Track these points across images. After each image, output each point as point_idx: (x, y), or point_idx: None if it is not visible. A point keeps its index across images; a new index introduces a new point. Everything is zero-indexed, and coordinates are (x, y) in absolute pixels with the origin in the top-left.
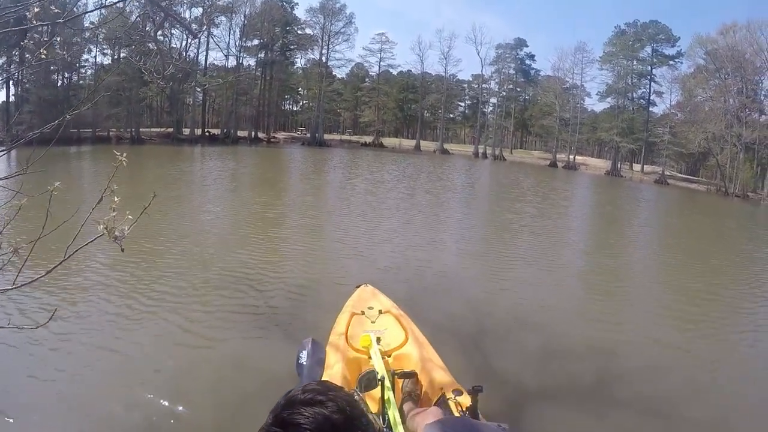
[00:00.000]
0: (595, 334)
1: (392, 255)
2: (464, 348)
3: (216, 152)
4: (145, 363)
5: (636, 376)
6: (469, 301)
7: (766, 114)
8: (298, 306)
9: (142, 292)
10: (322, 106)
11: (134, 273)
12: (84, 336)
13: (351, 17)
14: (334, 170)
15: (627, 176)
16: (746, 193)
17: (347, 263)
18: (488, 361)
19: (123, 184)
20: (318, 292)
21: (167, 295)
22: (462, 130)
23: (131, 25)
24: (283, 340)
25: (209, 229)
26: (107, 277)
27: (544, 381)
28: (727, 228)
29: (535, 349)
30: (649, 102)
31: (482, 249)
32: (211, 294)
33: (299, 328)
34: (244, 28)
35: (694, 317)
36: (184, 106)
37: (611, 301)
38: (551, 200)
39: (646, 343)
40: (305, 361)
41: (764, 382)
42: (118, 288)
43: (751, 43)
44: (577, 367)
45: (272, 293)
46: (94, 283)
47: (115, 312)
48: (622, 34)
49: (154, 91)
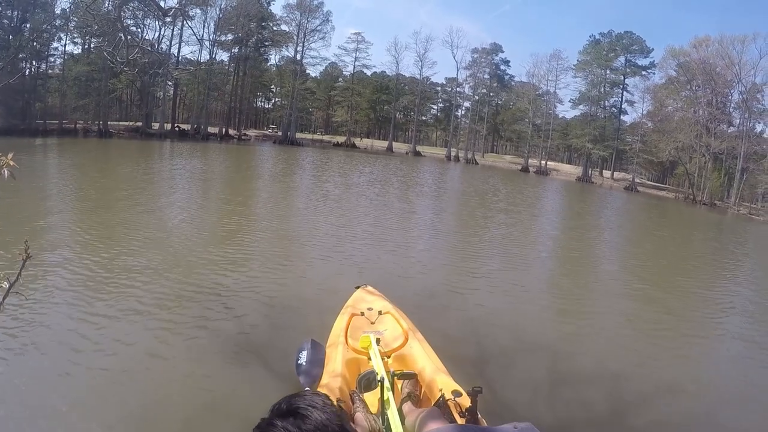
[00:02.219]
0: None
1: (372, 261)
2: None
3: (185, 149)
4: (110, 399)
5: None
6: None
7: (735, 125)
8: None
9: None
10: (294, 105)
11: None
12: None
13: (328, 15)
14: (307, 171)
15: (598, 182)
16: (713, 202)
17: (325, 270)
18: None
19: (79, 183)
20: (302, 301)
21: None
22: (434, 133)
23: (104, 14)
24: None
25: (174, 239)
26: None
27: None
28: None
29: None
30: (621, 110)
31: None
32: (181, 308)
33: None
34: (219, 21)
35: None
36: (155, 100)
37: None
38: (538, 212)
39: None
40: (305, 362)
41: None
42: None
43: (723, 56)
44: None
45: (246, 303)
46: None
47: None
48: (596, 44)
49: (124, 83)
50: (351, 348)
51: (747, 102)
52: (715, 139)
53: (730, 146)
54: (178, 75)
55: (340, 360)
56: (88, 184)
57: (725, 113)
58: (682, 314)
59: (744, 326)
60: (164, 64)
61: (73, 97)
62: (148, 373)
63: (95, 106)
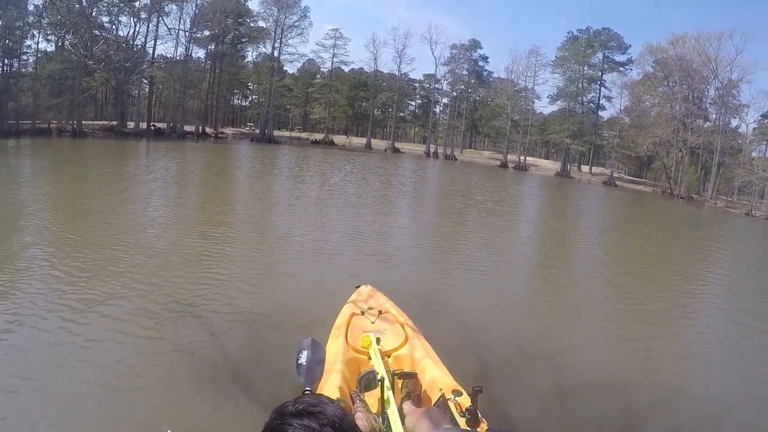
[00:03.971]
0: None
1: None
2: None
3: (161, 148)
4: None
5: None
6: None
7: (711, 121)
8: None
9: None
10: (272, 102)
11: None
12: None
13: (306, 11)
14: (285, 171)
15: (576, 178)
16: (690, 195)
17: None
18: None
19: (46, 190)
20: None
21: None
22: (412, 129)
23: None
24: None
25: (149, 247)
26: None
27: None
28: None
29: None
30: (599, 106)
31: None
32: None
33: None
34: (195, 17)
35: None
36: (130, 98)
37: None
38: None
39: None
40: (305, 362)
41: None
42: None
43: (700, 53)
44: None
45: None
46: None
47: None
48: (574, 40)
49: (99, 82)
50: (351, 347)
51: (723, 98)
52: (692, 134)
53: (706, 141)
54: (151, 72)
55: (341, 359)
56: (57, 192)
57: (701, 109)
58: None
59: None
60: (138, 60)
61: (47, 96)
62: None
63: (69, 105)
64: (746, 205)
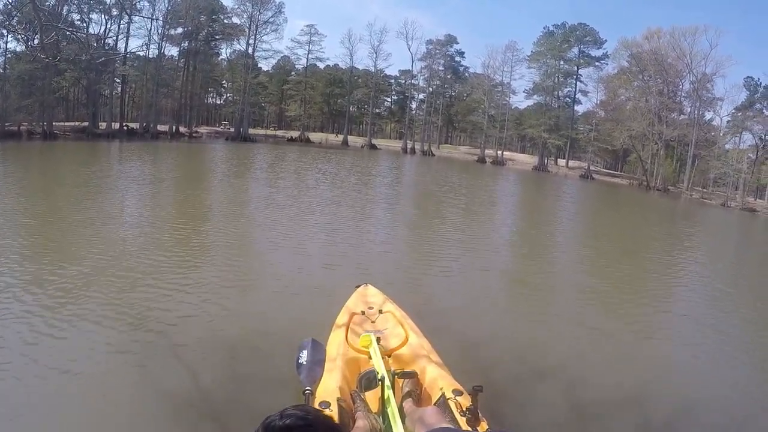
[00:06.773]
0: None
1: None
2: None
3: (134, 149)
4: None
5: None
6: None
7: (685, 114)
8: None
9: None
10: (247, 100)
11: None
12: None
13: (280, 7)
14: (261, 171)
15: (553, 171)
16: (666, 187)
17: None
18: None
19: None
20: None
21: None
22: (388, 125)
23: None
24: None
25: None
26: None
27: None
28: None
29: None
30: (575, 100)
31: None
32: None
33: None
34: (167, 14)
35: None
36: (102, 98)
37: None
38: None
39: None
40: (305, 361)
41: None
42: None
43: (674, 47)
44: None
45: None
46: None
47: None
48: (550, 35)
49: (70, 81)
50: (351, 347)
51: (697, 91)
52: (667, 127)
53: (681, 134)
54: (123, 70)
55: (341, 359)
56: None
57: (676, 102)
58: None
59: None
60: (107, 55)
61: (16, 98)
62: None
63: (39, 107)
64: (721, 196)
